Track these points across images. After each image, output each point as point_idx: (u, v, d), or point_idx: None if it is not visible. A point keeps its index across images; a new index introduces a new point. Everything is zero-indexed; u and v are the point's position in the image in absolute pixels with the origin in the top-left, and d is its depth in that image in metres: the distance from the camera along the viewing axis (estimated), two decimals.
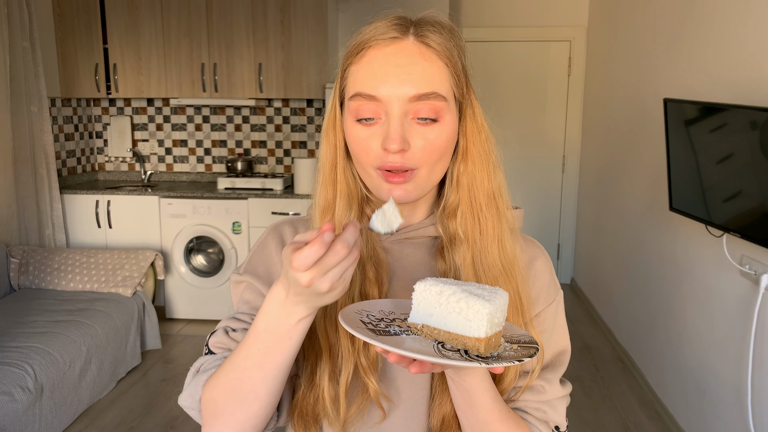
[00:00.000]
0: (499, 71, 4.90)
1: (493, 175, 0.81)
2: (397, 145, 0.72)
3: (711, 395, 2.48)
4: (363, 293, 0.80)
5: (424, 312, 0.69)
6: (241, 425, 0.73)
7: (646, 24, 3.37)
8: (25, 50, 3.67)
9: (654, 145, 3.12)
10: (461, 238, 0.80)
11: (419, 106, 0.73)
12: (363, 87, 0.74)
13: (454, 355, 0.65)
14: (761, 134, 1.86)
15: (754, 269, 2.13)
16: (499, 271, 0.79)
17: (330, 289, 0.62)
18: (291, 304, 0.66)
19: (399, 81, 0.73)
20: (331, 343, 0.79)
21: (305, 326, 0.69)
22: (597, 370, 3.48)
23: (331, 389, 0.78)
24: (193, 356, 3.60)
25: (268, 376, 0.70)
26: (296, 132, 4.51)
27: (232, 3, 4.00)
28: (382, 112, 0.74)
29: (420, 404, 0.81)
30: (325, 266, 0.60)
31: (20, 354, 2.62)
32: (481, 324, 0.65)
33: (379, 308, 0.75)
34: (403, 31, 0.75)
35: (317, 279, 0.60)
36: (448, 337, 0.68)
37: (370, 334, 0.66)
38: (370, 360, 0.78)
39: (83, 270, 3.55)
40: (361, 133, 0.75)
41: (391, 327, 0.71)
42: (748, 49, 2.22)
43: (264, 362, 0.70)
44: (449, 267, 0.81)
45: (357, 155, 0.77)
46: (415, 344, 0.68)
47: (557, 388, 0.85)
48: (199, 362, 0.81)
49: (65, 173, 4.30)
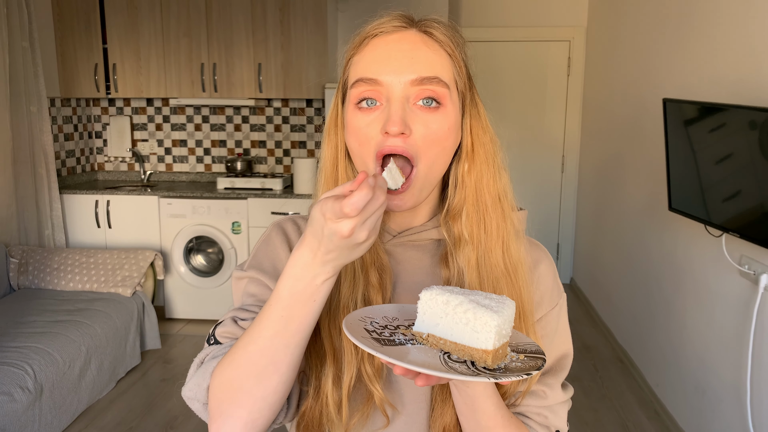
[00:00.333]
0: (498, 71, 4.90)
1: (499, 177, 0.80)
2: (397, 127, 0.71)
3: (710, 395, 2.49)
4: (366, 298, 0.79)
5: (429, 321, 0.68)
6: (259, 404, 0.69)
7: (646, 24, 3.37)
8: (25, 50, 3.67)
9: (653, 144, 3.12)
10: (466, 240, 0.79)
11: (421, 91, 0.73)
12: (365, 72, 0.74)
13: (460, 367, 0.64)
14: (760, 134, 1.87)
15: (753, 269, 2.13)
16: (502, 273, 0.79)
17: (367, 237, 0.61)
18: (318, 264, 0.64)
19: (401, 65, 0.73)
20: (335, 347, 0.78)
21: (329, 287, 0.67)
22: (596, 370, 3.48)
23: (334, 393, 0.77)
24: (193, 356, 3.59)
25: (290, 344, 0.68)
26: (296, 132, 4.51)
27: (232, 3, 4.00)
28: (383, 98, 0.73)
29: (421, 410, 0.81)
30: (367, 213, 0.60)
31: (20, 354, 2.62)
32: (489, 336, 0.64)
33: (383, 314, 0.75)
34: (407, 22, 0.76)
35: (358, 227, 0.60)
36: (454, 347, 0.67)
37: (375, 345, 0.65)
38: (375, 368, 0.77)
39: (83, 270, 3.55)
40: (360, 122, 0.74)
41: (395, 335, 0.70)
42: (747, 49, 2.22)
43: (287, 328, 0.67)
44: (453, 273, 0.80)
45: (357, 146, 0.76)
46: (420, 354, 0.67)
47: (559, 393, 0.84)
48: (204, 353, 0.78)
49: (65, 173, 4.30)
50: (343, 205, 0.58)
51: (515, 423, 0.79)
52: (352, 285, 0.79)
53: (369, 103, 0.74)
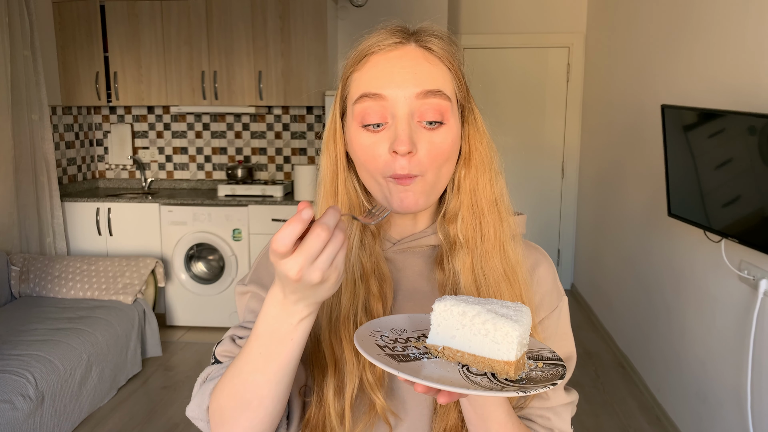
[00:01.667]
0: (498, 78, 4.92)
1: (495, 181, 0.81)
2: (405, 146, 0.72)
3: (711, 400, 2.48)
4: (367, 308, 0.79)
5: (445, 333, 0.66)
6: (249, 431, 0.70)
7: (644, 30, 3.39)
8: (26, 59, 3.69)
9: (652, 150, 3.13)
10: (461, 243, 0.80)
11: (425, 106, 0.74)
12: (368, 87, 0.75)
13: (482, 380, 0.62)
14: (759, 140, 1.87)
15: (752, 274, 2.13)
16: (501, 276, 0.79)
17: (322, 279, 0.59)
18: (290, 303, 0.63)
19: (404, 79, 0.73)
20: (336, 357, 0.78)
21: (306, 326, 0.66)
22: (598, 376, 3.48)
23: (336, 404, 0.77)
24: (194, 363, 3.60)
25: (271, 381, 0.68)
26: (296, 139, 4.52)
27: (232, 11, 4.02)
28: (389, 115, 0.74)
29: (424, 416, 0.81)
30: (310, 253, 0.57)
31: (21, 362, 2.62)
32: (511, 347, 0.62)
33: (391, 326, 0.73)
34: (404, 37, 0.76)
35: (306, 270, 0.57)
36: (473, 360, 0.64)
37: (391, 363, 0.63)
38: (377, 376, 0.77)
39: (84, 277, 3.55)
40: (366, 140, 0.75)
41: (408, 349, 0.68)
42: (745, 55, 2.23)
43: (266, 366, 0.67)
44: (448, 276, 0.81)
45: (364, 163, 0.77)
46: (437, 369, 0.64)
47: (561, 395, 0.84)
48: (206, 372, 0.80)
49: (66, 181, 4.32)
50: (272, 240, 0.57)
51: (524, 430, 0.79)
52: (352, 295, 0.79)
53: (375, 127, 0.75)
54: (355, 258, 0.81)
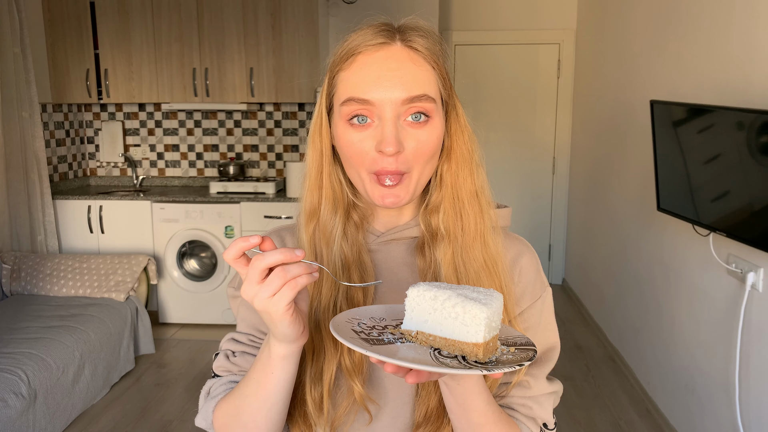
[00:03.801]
0: (489, 74, 4.93)
1: (476, 174, 0.82)
2: (392, 147, 0.74)
3: (700, 393, 2.52)
4: (349, 298, 0.81)
5: (418, 318, 0.68)
6: None
7: (634, 26, 3.41)
8: (16, 56, 3.67)
9: (642, 146, 3.16)
10: (443, 234, 0.81)
11: (412, 109, 0.75)
12: (355, 92, 0.76)
13: (452, 362, 0.64)
14: (748, 135, 1.90)
15: (740, 267, 2.16)
16: (482, 266, 0.81)
17: (264, 309, 0.66)
18: (270, 338, 0.72)
19: (391, 84, 0.75)
20: (315, 345, 0.80)
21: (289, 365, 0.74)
22: (588, 370, 3.51)
23: (314, 391, 0.79)
24: (187, 360, 3.60)
25: (262, 407, 0.76)
26: (288, 136, 4.52)
27: (223, 7, 4.02)
28: (375, 116, 0.76)
29: (406, 403, 0.82)
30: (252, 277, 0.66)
31: (13, 360, 2.62)
32: (479, 329, 0.63)
33: (370, 315, 0.74)
34: (390, 36, 0.77)
35: (260, 296, 0.66)
36: (444, 343, 0.66)
37: (364, 345, 0.65)
38: (355, 362, 0.79)
39: (76, 275, 3.55)
40: (353, 137, 0.77)
41: (384, 335, 0.70)
42: (733, 51, 2.26)
43: (257, 393, 0.75)
44: (429, 264, 0.82)
45: (350, 159, 0.78)
46: (410, 352, 0.66)
47: (543, 384, 0.85)
48: (208, 385, 0.87)
49: (57, 179, 4.30)
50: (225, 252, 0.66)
51: (505, 419, 0.80)
52: (334, 284, 0.81)
53: (360, 120, 0.76)
54: (337, 248, 0.82)
